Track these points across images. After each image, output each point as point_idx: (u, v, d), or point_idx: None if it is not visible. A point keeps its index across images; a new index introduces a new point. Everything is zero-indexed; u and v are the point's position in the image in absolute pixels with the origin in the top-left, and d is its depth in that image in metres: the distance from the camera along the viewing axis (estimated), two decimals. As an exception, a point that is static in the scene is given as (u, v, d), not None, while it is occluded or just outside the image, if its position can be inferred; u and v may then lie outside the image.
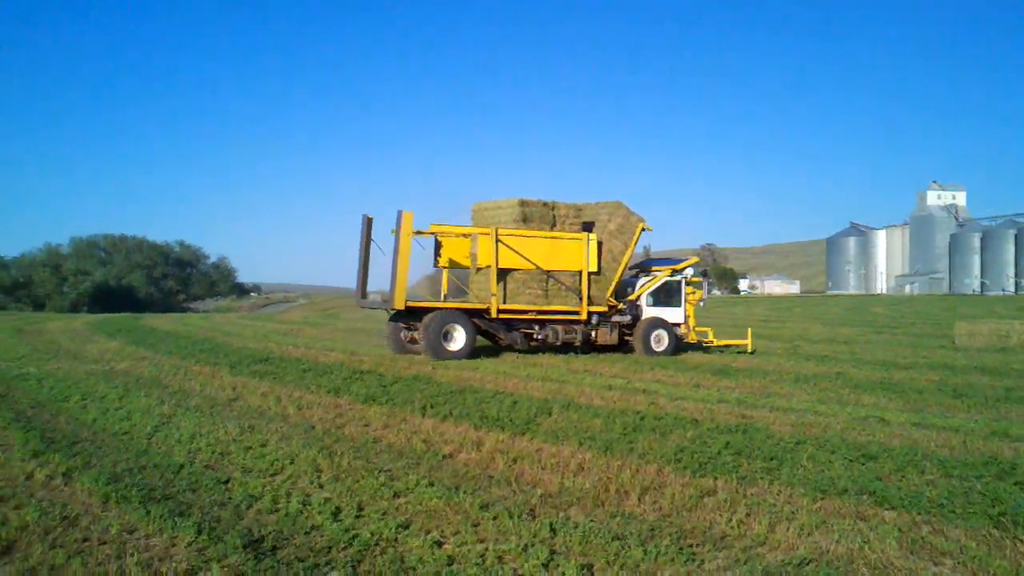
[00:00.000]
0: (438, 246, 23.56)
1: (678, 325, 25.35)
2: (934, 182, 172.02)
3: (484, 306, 22.38)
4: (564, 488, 8.29)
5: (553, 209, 23.61)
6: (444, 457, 9.73)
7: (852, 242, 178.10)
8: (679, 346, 25.18)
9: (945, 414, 13.56)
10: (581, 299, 23.37)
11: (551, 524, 7.01)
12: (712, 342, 26.82)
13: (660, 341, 24.56)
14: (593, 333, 23.98)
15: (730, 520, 7.26)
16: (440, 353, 21.12)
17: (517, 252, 22.46)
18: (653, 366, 20.54)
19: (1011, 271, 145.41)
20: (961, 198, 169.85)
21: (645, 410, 13.06)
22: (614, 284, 24.18)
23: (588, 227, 24.21)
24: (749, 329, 29.70)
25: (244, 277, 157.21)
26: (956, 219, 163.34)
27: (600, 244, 23.65)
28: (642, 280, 25.77)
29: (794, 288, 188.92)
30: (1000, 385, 17.47)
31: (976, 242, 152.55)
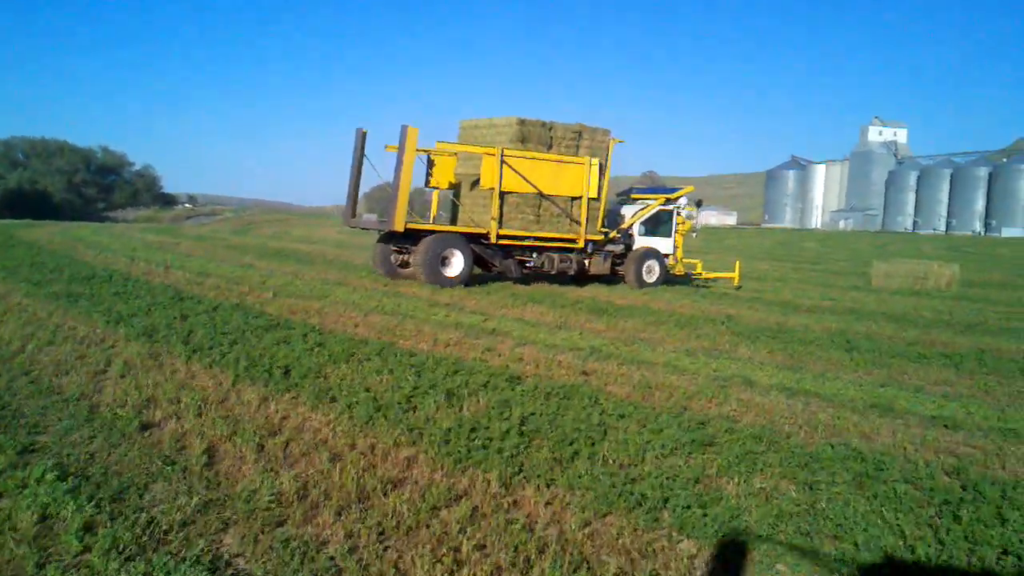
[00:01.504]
0: (430, 165, 22.62)
1: (668, 256, 24.87)
2: (876, 118, 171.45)
3: (484, 230, 21.43)
4: (259, 488, 5.93)
5: (551, 130, 22.32)
6: (140, 428, 7.28)
7: (791, 175, 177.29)
8: (667, 278, 24.76)
9: (827, 373, 11.52)
10: (579, 225, 22.52)
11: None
12: (700, 274, 26.60)
13: (652, 271, 24.09)
14: (587, 262, 23.24)
15: (435, 561, 4.97)
16: (438, 278, 20.43)
17: (520, 175, 21.45)
18: (526, 301, 18.24)
19: (943, 210, 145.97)
20: (902, 135, 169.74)
21: (468, 360, 10.75)
22: (601, 213, 23.48)
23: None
24: (737, 261, 28.51)
25: (185, 187, 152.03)
26: (896, 156, 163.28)
27: (601, 168, 22.71)
28: (631, 208, 25.07)
29: (731, 220, 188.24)
30: (902, 337, 15.54)
31: (912, 180, 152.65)
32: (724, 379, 10.60)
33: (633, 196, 26.28)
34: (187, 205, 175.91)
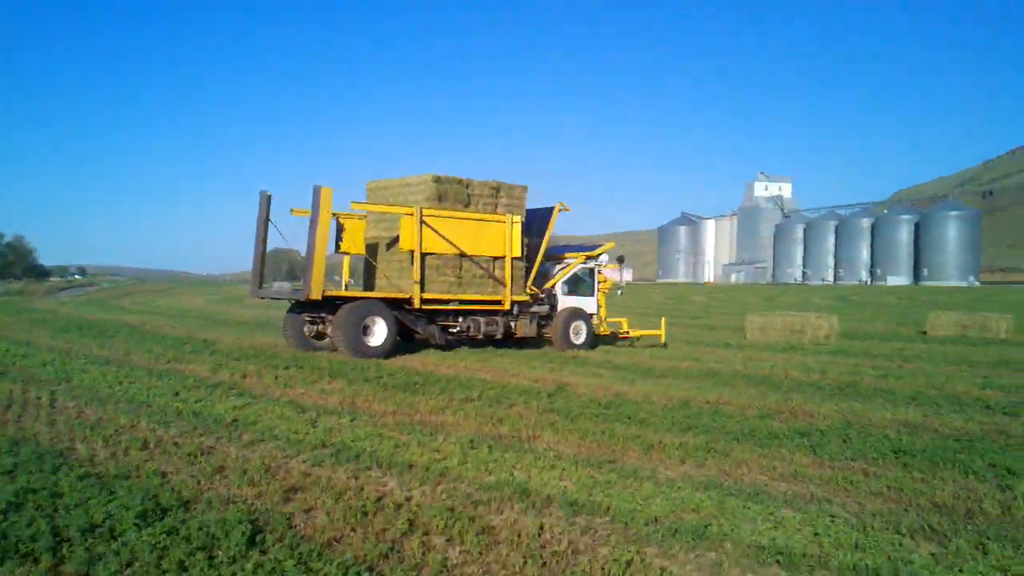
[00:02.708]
0: (340, 230, 21.64)
1: (592, 315, 23.86)
2: (762, 173, 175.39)
3: (406, 295, 20.26)
4: None
5: (467, 187, 21.42)
6: None
7: (683, 231, 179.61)
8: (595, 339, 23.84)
9: (642, 470, 8.62)
10: (504, 286, 21.65)
11: None
12: (628, 333, 25.65)
13: (579, 333, 23.17)
14: (514, 324, 22.33)
15: None
16: (360, 349, 19.04)
17: (440, 235, 20.42)
18: (326, 375, 15.06)
19: (831, 261, 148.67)
20: (787, 189, 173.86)
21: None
22: (535, 271, 22.86)
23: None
24: (663, 318, 26.90)
25: (80, 259, 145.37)
26: (782, 210, 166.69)
27: (523, 227, 21.99)
28: (555, 267, 24.09)
29: (627, 276, 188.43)
30: (759, 406, 12.87)
31: (800, 232, 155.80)
32: (491, 488, 7.59)
33: (561, 256, 24.89)
34: (76, 276, 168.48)
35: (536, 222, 23.11)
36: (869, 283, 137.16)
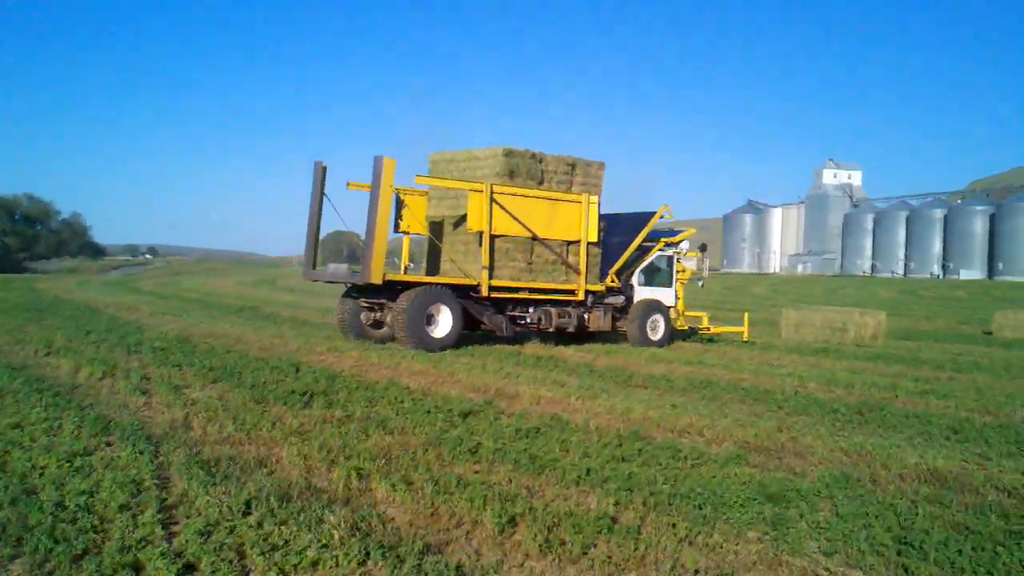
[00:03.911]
0: (400, 206, 19.84)
1: (671, 308, 21.82)
2: (831, 160, 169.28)
3: (474, 282, 18.52)
4: None
5: (541, 162, 19.55)
6: None
7: (748, 219, 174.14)
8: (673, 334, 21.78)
9: (459, 569, 5.29)
10: (578, 274, 19.81)
11: None
12: (708, 328, 23.70)
13: (656, 328, 21.10)
14: (587, 316, 20.36)
15: None
16: (424, 339, 17.39)
17: (511, 215, 18.61)
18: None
19: (901, 253, 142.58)
20: (857, 177, 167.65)
21: None
22: (620, 263, 20.96)
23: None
24: (746, 313, 24.12)
25: (151, 239, 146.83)
26: (851, 199, 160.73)
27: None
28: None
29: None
30: (732, 443, 9.37)
31: (869, 223, 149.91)
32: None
33: (619, 216, 22.70)
34: (146, 255, 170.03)
35: (635, 223, 21.58)
36: (941, 276, 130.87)
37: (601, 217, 21.17)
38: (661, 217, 21.66)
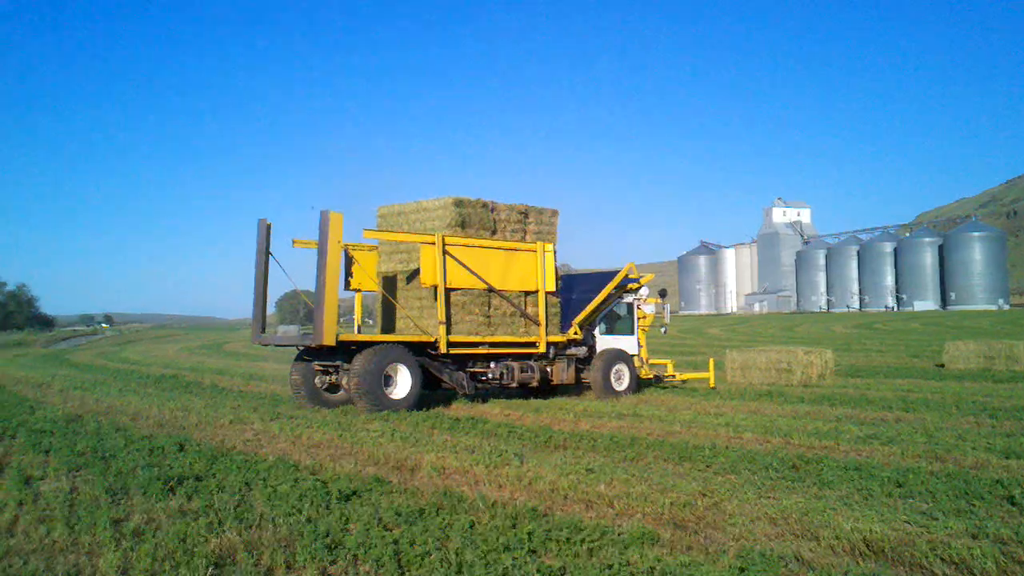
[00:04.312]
0: (350, 263, 19.31)
1: (634, 356, 21.15)
2: (779, 199, 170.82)
3: (431, 338, 17.71)
4: None
5: (493, 211, 19.04)
6: None
7: (702, 260, 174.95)
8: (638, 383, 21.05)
9: None
10: (538, 325, 19.09)
11: None
12: (673, 376, 22.75)
13: (621, 377, 20.38)
14: (550, 369, 19.70)
15: None
16: (382, 402, 16.54)
17: (466, 267, 17.96)
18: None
19: (855, 287, 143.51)
20: (806, 215, 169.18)
21: None
22: (589, 309, 20.22)
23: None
24: (711, 359, 23.33)
25: (110, 307, 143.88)
26: (802, 236, 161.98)
27: (555, 255, 19.57)
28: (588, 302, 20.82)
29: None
30: (643, 515, 8.22)
31: (821, 259, 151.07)
32: None
33: (578, 275, 22.83)
34: (102, 324, 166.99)
35: (599, 280, 21.06)
36: (895, 309, 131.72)
37: (565, 276, 20.78)
38: (626, 276, 21.13)
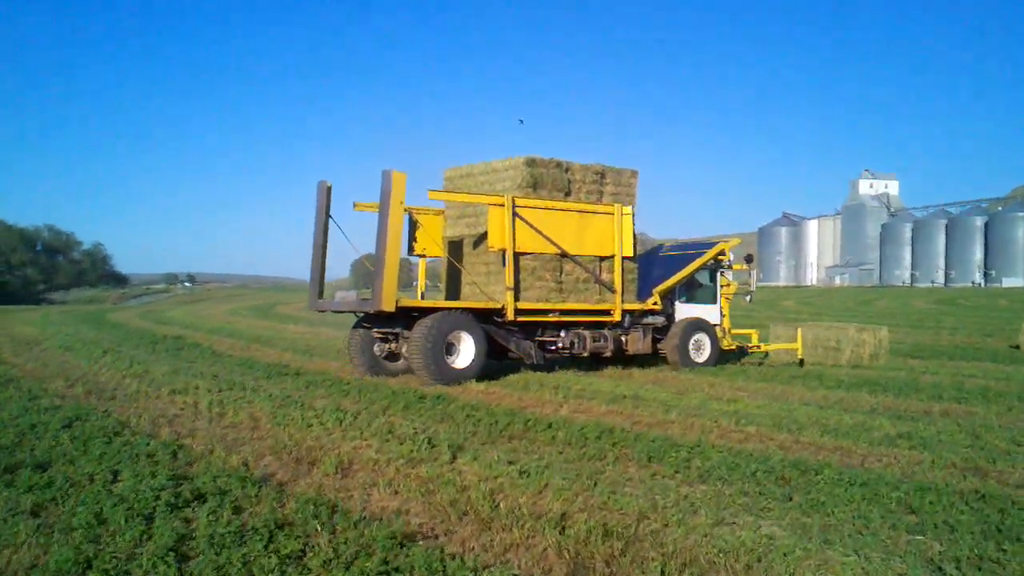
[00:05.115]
0: (414, 227, 18.56)
1: (716, 326, 20.00)
2: (866, 170, 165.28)
3: (498, 305, 16.77)
4: None
5: (567, 171, 17.94)
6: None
7: (784, 232, 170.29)
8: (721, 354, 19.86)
9: None
10: (614, 292, 18.07)
11: None
12: (758, 347, 21.24)
13: (701, 348, 19.34)
14: (624, 338, 18.55)
15: None
16: (443, 372, 15.61)
17: (537, 230, 16.98)
18: None
19: (941, 263, 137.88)
20: (894, 187, 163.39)
21: None
22: (674, 280, 19.35)
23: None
24: (799, 329, 20.93)
25: (190, 267, 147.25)
26: (888, 209, 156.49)
27: (633, 218, 18.51)
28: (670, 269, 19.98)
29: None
30: (553, 563, 6.12)
31: (907, 232, 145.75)
32: None
33: (663, 255, 21.13)
34: (185, 283, 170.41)
35: (683, 259, 20.05)
36: (983, 285, 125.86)
37: (646, 253, 19.88)
38: (720, 253, 20.13)
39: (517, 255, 16.89)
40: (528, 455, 9.05)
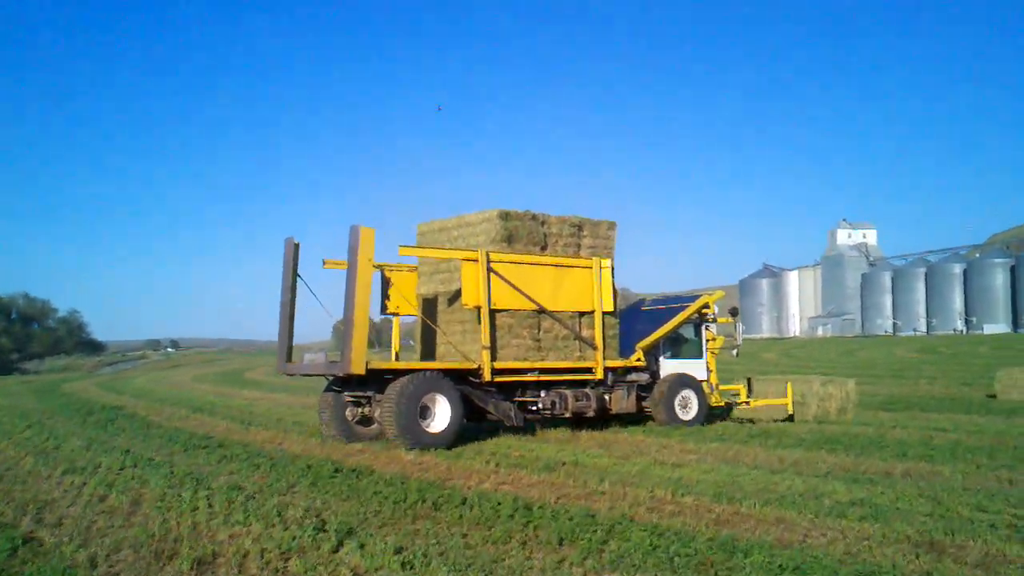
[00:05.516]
0: (386, 285, 18.08)
1: (703, 382, 19.34)
2: (844, 220, 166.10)
3: (474, 365, 16.11)
4: None
5: (543, 224, 17.48)
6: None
7: (765, 283, 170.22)
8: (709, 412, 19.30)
9: None
10: (595, 349, 17.44)
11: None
12: (747, 403, 20.24)
13: (688, 405, 18.63)
14: (608, 397, 17.82)
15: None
16: (418, 436, 14.85)
17: (513, 285, 16.35)
18: None
19: (922, 311, 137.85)
20: (872, 236, 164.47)
21: None
22: (657, 335, 18.72)
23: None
24: (789, 383, 20.07)
25: (177, 332, 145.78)
26: (867, 258, 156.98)
27: (612, 271, 18.04)
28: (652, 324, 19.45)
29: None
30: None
31: (887, 281, 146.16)
32: None
33: (644, 310, 20.77)
34: (168, 349, 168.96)
35: (665, 313, 19.52)
36: (964, 332, 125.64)
37: (629, 307, 19.30)
38: (704, 307, 19.56)
39: (493, 312, 16.19)
40: (425, 539, 7.93)
